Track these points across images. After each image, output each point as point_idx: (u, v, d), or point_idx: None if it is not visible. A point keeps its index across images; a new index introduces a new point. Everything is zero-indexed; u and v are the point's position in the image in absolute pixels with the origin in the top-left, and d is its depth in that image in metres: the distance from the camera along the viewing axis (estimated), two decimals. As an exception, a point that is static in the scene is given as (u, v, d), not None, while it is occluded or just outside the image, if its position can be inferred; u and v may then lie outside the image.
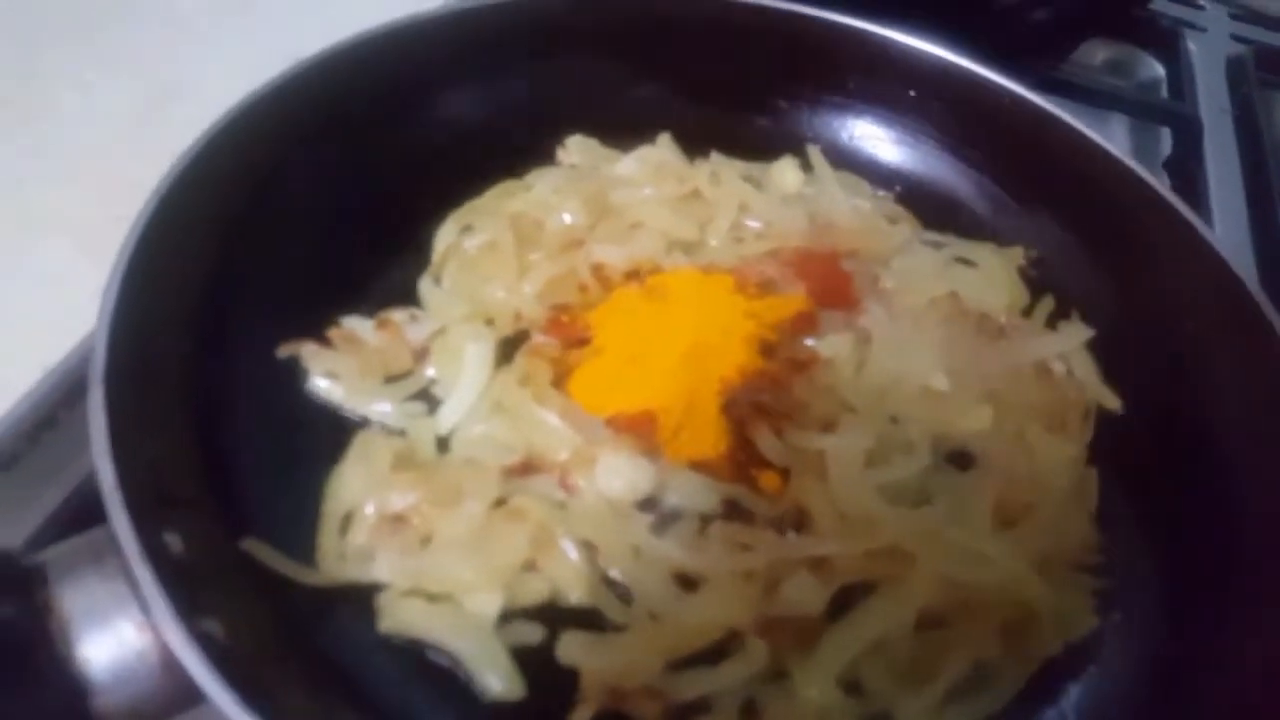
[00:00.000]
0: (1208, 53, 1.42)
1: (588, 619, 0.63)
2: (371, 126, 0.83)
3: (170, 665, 0.49)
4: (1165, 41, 1.43)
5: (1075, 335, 0.83)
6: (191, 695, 0.49)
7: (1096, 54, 1.44)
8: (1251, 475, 0.71)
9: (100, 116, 1.04)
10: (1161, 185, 0.84)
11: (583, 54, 0.93)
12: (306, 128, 0.78)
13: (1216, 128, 1.27)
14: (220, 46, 1.11)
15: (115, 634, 0.50)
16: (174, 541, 0.54)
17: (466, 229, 0.84)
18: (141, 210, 0.65)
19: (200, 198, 0.69)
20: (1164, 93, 1.38)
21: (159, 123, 1.02)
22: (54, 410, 0.75)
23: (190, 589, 0.51)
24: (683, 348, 0.76)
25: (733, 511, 0.69)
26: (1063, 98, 1.00)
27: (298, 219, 0.77)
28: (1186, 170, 1.20)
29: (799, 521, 0.68)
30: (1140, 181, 0.84)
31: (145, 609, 0.49)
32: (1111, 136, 1.13)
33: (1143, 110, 1.30)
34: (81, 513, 0.66)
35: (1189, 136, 1.24)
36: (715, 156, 0.93)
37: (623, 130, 0.93)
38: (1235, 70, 1.39)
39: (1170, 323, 0.81)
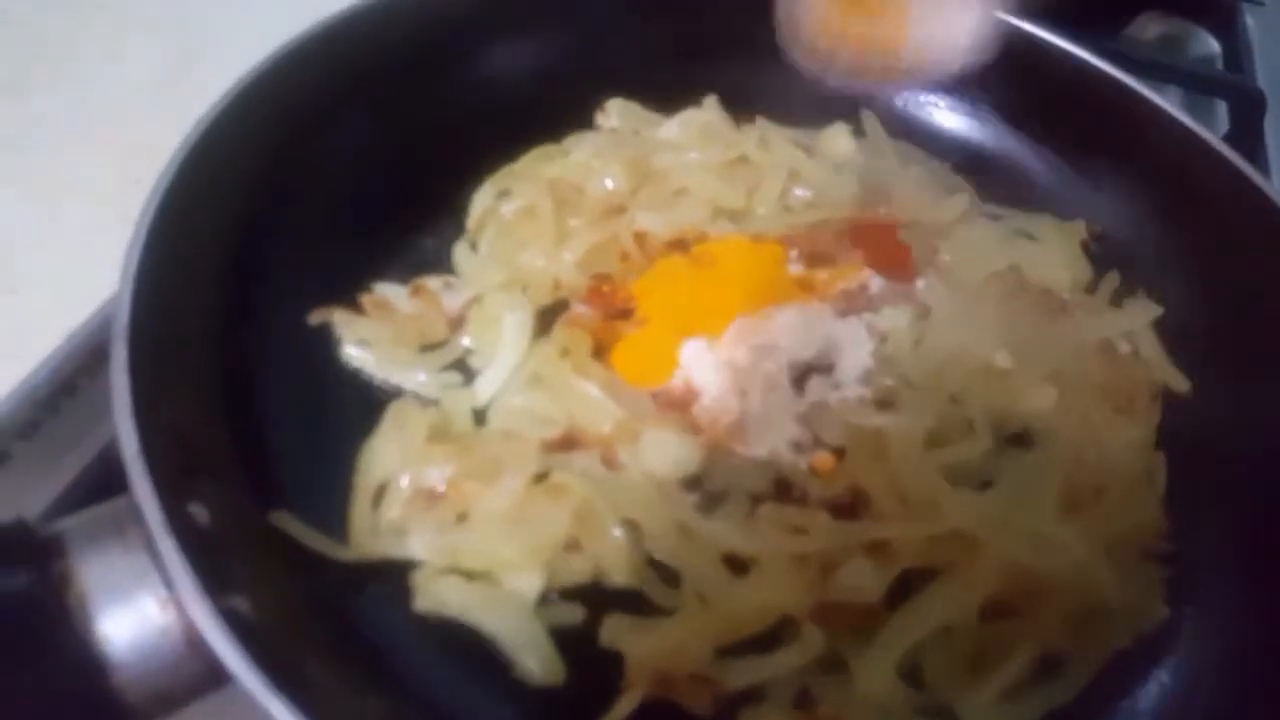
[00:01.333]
0: (1267, 27, 1.36)
1: (632, 602, 0.60)
2: (403, 87, 0.80)
3: (195, 643, 0.46)
4: (1222, 16, 1.37)
5: (1142, 313, 0.79)
6: (217, 675, 0.46)
7: (1150, 28, 1.39)
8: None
9: (124, 80, 1.02)
10: (1232, 153, 0.79)
11: (625, 12, 0.89)
12: (335, 87, 0.75)
13: (1275, 102, 1.22)
14: (246, 8, 1.08)
15: (137, 609, 0.47)
16: (199, 513, 0.51)
17: (503, 194, 0.81)
18: (165, 169, 0.62)
19: (225, 158, 0.65)
20: (1219, 68, 1.33)
21: (183, 86, 1.00)
22: (74, 377, 0.73)
23: (216, 563, 0.48)
24: (732, 320, 0.72)
25: (783, 491, 0.65)
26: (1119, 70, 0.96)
27: (327, 181, 0.75)
28: (1245, 146, 1.15)
29: (854, 503, 0.64)
30: (1211, 149, 0.80)
31: (168, 583, 0.46)
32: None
33: (1200, 83, 1.24)
34: (102, 483, 0.62)
35: (1248, 110, 1.19)
36: (762, 121, 0.88)
37: (665, 93, 0.90)
38: (1296, 43, 1.34)
39: (1242, 300, 0.76)
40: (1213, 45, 1.37)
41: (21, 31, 1.06)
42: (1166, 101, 0.85)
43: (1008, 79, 0.90)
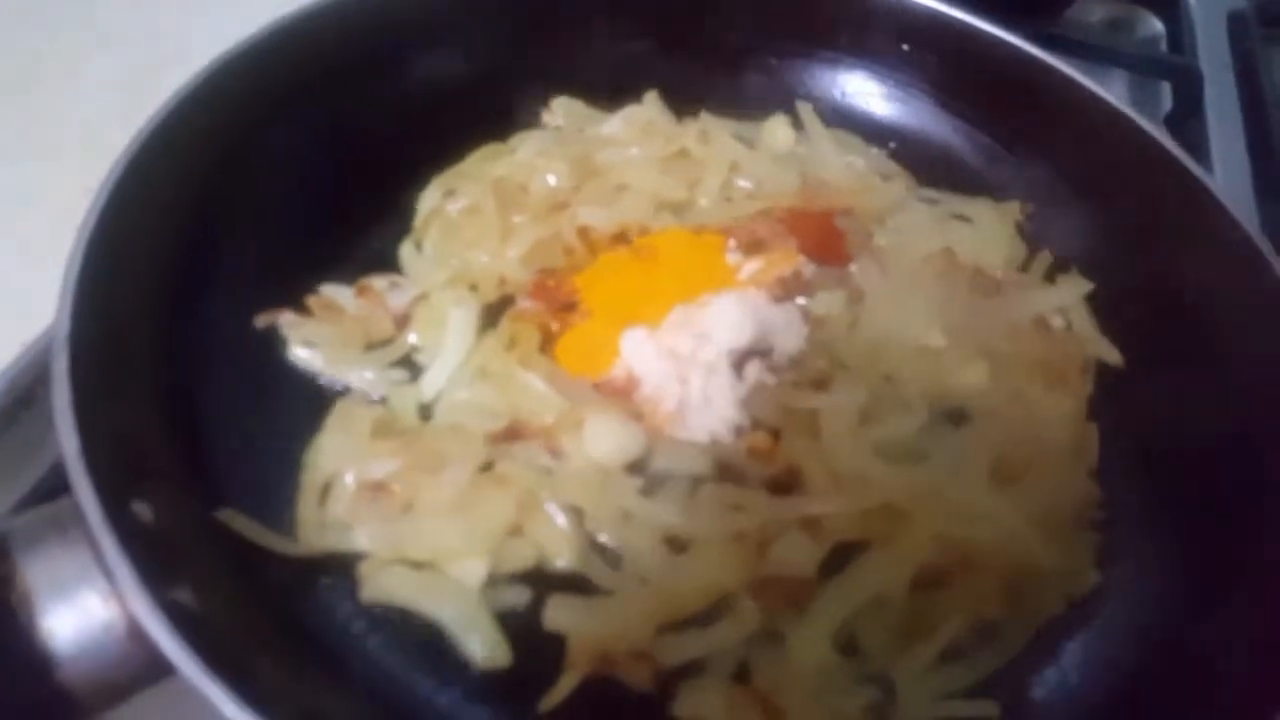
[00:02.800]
0: (1208, 8, 1.38)
1: (575, 585, 0.62)
2: (349, 88, 0.81)
3: (137, 636, 0.47)
4: (1165, -2, 1.40)
5: (1074, 289, 0.81)
6: (161, 667, 0.47)
7: (1094, 11, 1.41)
8: (1257, 426, 0.69)
9: (84, 91, 1.02)
10: (1161, 133, 0.81)
11: (567, 11, 0.90)
12: (281, 89, 0.76)
13: (1217, 83, 1.24)
14: (206, 20, 1.09)
15: (79, 605, 0.48)
16: (143, 511, 0.52)
17: (449, 194, 0.82)
18: (107, 175, 0.63)
19: (169, 163, 0.67)
20: (1164, 49, 1.35)
21: (143, 96, 0.99)
22: (31, 387, 0.74)
23: (159, 558, 0.49)
24: (671, 309, 0.73)
25: (724, 473, 0.67)
26: (1060, 54, 0.97)
27: (273, 184, 0.75)
28: (1188, 125, 1.17)
29: (791, 482, 0.66)
30: (1139, 130, 0.82)
31: (110, 578, 0.47)
32: (1111, 94, 1.10)
33: (1143, 65, 1.26)
34: (58, 492, 0.64)
35: (1190, 91, 1.21)
36: (704, 115, 0.90)
37: (609, 90, 0.91)
38: (1237, 25, 1.36)
39: (1172, 274, 0.78)
40: (1157, 26, 1.39)
41: (-18, 44, 1.06)
42: (1111, 83, 0.86)
43: (942, 65, 0.93)
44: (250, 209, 0.73)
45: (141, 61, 1.04)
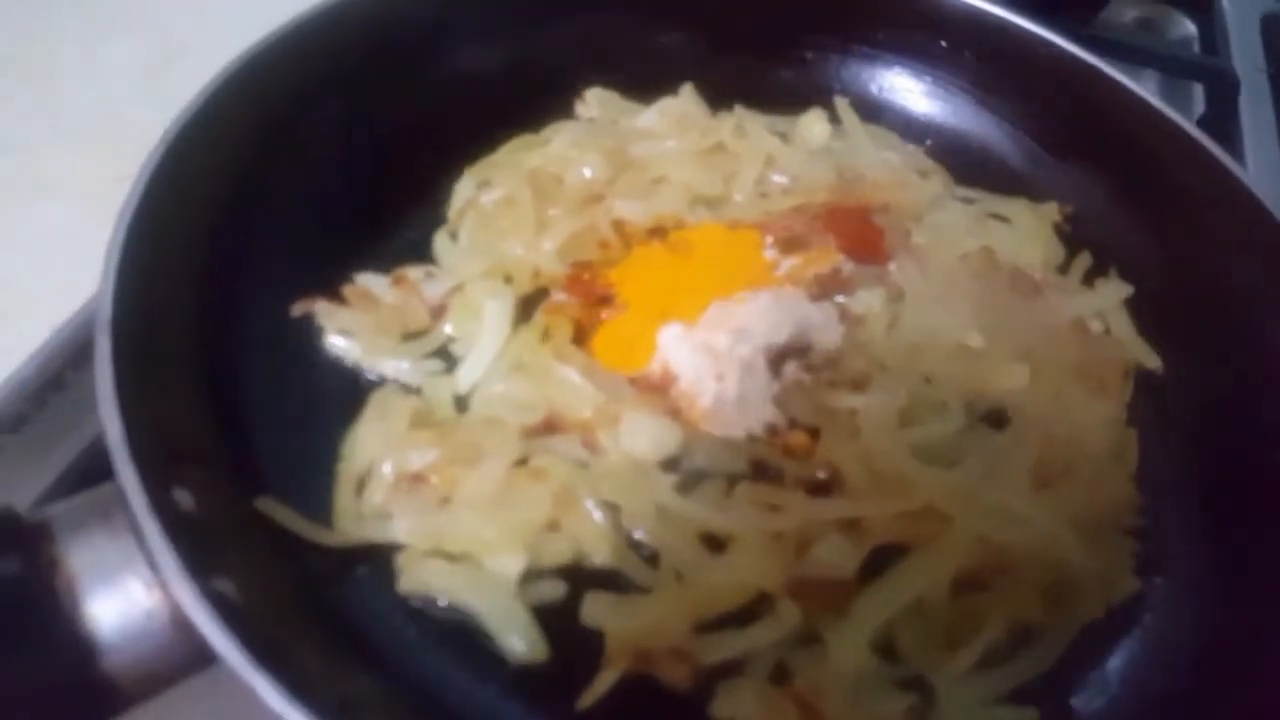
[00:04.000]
0: (1242, 9, 1.37)
1: (612, 581, 0.61)
2: (384, 78, 0.80)
3: (181, 624, 0.47)
4: (1198, -1, 1.39)
5: (1113, 293, 0.80)
6: (203, 656, 0.47)
7: (1126, 11, 1.40)
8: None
9: (105, 76, 1.02)
10: (1201, 134, 0.81)
11: (603, 3, 0.90)
12: (317, 79, 0.76)
13: (1251, 85, 1.24)
14: (226, 5, 1.09)
15: (123, 592, 0.48)
16: (184, 499, 0.52)
17: (483, 184, 0.82)
18: (145, 164, 0.62)
19: (207, 150, 0.66)
20: (1196, 50, 1.34)
21: (165, 83, 1.01)
22: (61, 371, 0.74)
23: (201, 546, 0.49)
24: (709, 305, 0.73)
25: (760, 472, 0.66)
26: (1094, 54, 0.97)
27: (308, 174, 0.75)
28: (1221, 128, 1.16)
29: (829, 482, 0.66)
30: (1181, 133, 0.81)
31: (153, 566, 0.47)
32: (1144, 94, 1.10)
33: (1177, 66, 1.25)
34: (90, 475, 0.63)
35: (1224, 93, 1.20)
36: (739, 109, 0.89)
37: (643, 82, 0.91)
38: (1271, 27, 1.35)
39: (1213, 278, 0.78)
40: (1189, 27, 1.38)
41: (2, 33, 1.06)
42: (1142, 84, 0.86)
43: (981, 63, 0.92)
44: (286, 197, 0.73)
45: (160, 48, 1.04)
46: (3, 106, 0.98)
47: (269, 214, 0.71)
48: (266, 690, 0.45)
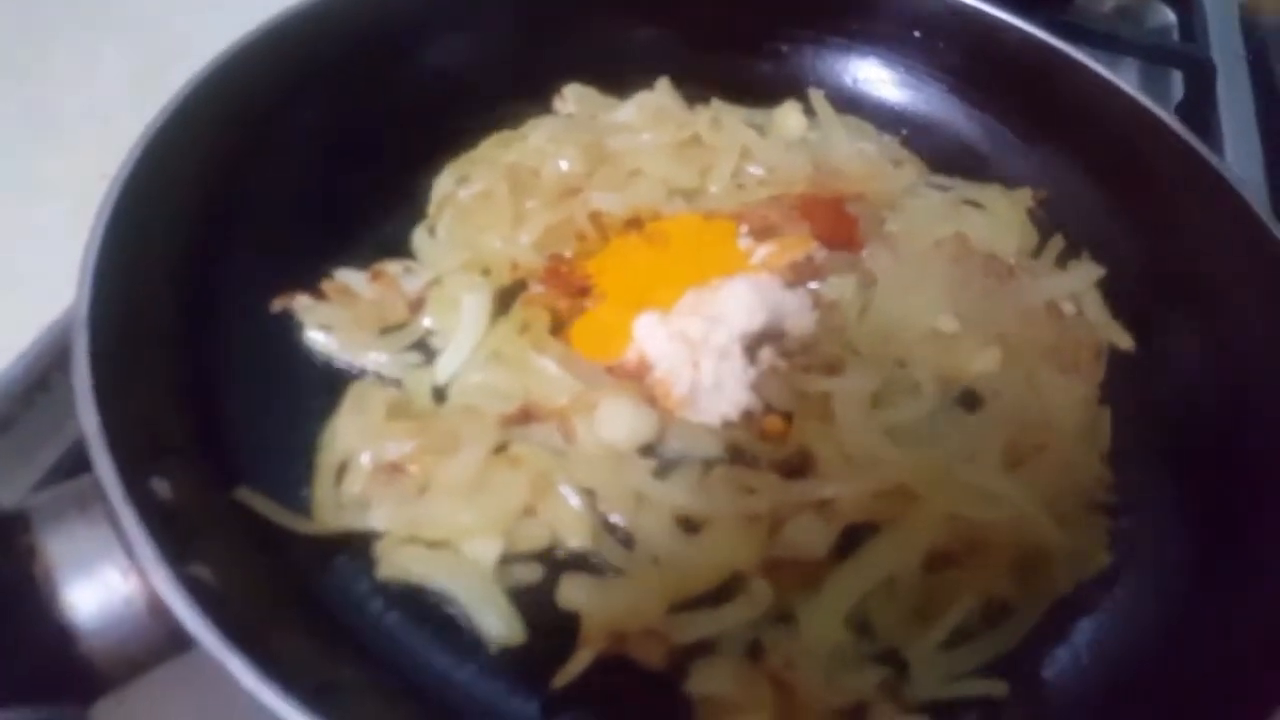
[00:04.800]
0: (1220, -2, 1.38)
1: (588, 564, 0.62)
2: (363, 76, 0.81)
3: (158, 610, 0.48)
4: (1176, -13, 1.39)
5: (1085, 275, 0.81)
6: (180, 640, 0.48)
7: (1105, 0, 1.40)
8: (1268, 410, 0.69)
9: (97, 79, 1.03)
10: (1172, 119, 0.82)
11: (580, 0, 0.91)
12: (295, 77, 0.77)
13: (1229, 72, 1.24)
14: (216, 8, 1.09)
15: (101, 579, 0.49)
16: (162, 488, 0.53)
17: (462, 180, 0.83)
18: (125, 160, 0.63)
19: (185, 149, 0.67)
20: (1175, 38, 1.35)
21: (155, 85, 1.00)
22: (47, 372, 0.74)
23: (178, 534, 0.50)
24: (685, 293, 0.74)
25: (736, 456, 0.67)
26: (1072, 42, 0.97)
27: (287, 171, 0.76)
28: (1199, 114, 1.17)
29: (803, 465, 0.66)
30: (1150, 116, 0.82)
31: (130, 553, 0.48)
32: (1121, 82, 1.11)
33: (1154, 53, 1.26)
34: (75, 472, 0.64)
35: (1201, 79, 1.21)
36: (716, 102, 0.90)
37: (621, 77, 0.92)
38: (1249, 13, 1.36)
39: (1184, 259, 0.79)
40: (1169, 16, 1.38)
41: (-5, 36, 1.07)
42: (1121, 72, 0.87)
43: (955, 52, 0.93)
44: (265, 194, 0.74)
45: (152, 52, 1.05)
46: (-6, 109, 0.99)
47: (247, 211, 0.72)
48: (241, 672, 0.45)
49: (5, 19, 1.08)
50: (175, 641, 0.49)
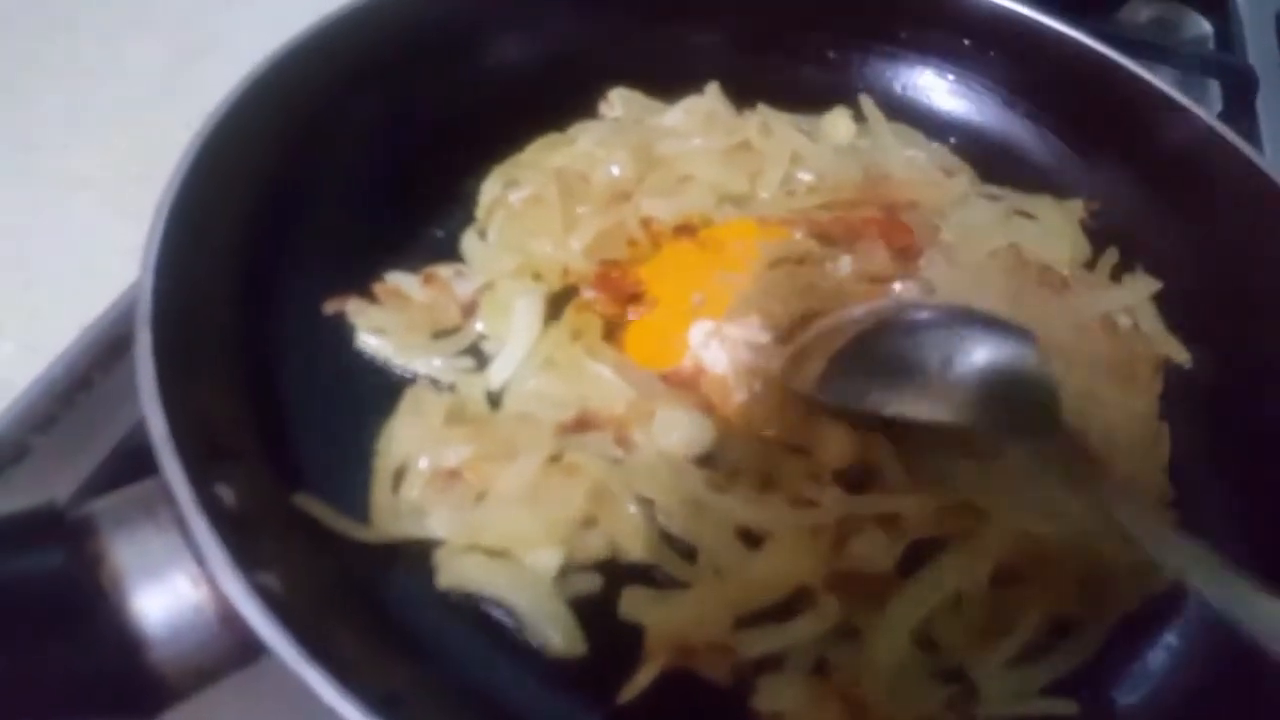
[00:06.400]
0: (1257, 7, 1.37)
1: (648, 576, 0.62)
2: (412, 77, 0.81)
3: (228, 619, 0.47)
4: (1213, -3, 1.39)
5: (1141, 288, 0.80)
6: (250, 650, 0.47)
7: (1141, 11, 1.40)
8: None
9: (129, 75, 1.03)
10: (1226, 129, 0.81)
11: (629, 3, 0.90)
12: (344, 79, 0.76)
13: (1268, 82, 1.24)
14: (246, 5, 1.09)
15: (170, 587, 0.48)
16: (226, 494, 0.52)
17: (511, 183, 0.82)
18: (181, 159, 0.62)
19: (240, 146, 0.66)
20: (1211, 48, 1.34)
21: (188, 81, 1.01)
22: (88, 371, 0.74)
23: (245, 541, 0.49)
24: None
25: (795, 466, 0.66)
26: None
27: (338, 173, 0.75)
28: (1239, 124, 1.16)
29: (866, 478, 0.65)
30: (1205, 126, 0.82)
31: (200, 560, 0.47)
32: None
33: (1195, 63, 1.25)
34: (119, 474, 0.63)
35: (1241, 89, 1.20)
36: (763, 108, 0.89)
37: (666, 82, 0.91)
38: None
39: (1239, 271, 0.78)
40: (1205, 26, 1.38)
41: (24, 32, 1.06)
42: (1160, 82, 0.86)
43: (1005, 61, 0.93)
44: (317, 195, 0.73)
45: (182, 47, 1.05)
46: (25, 106, 0.98)
47: (301, 211, 0.71)
48: (318, 683, 0.44)
49: (35, 15, 1.08)
50: (245, 651, 0.48)
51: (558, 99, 0.88)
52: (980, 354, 0.63)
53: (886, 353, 0.65)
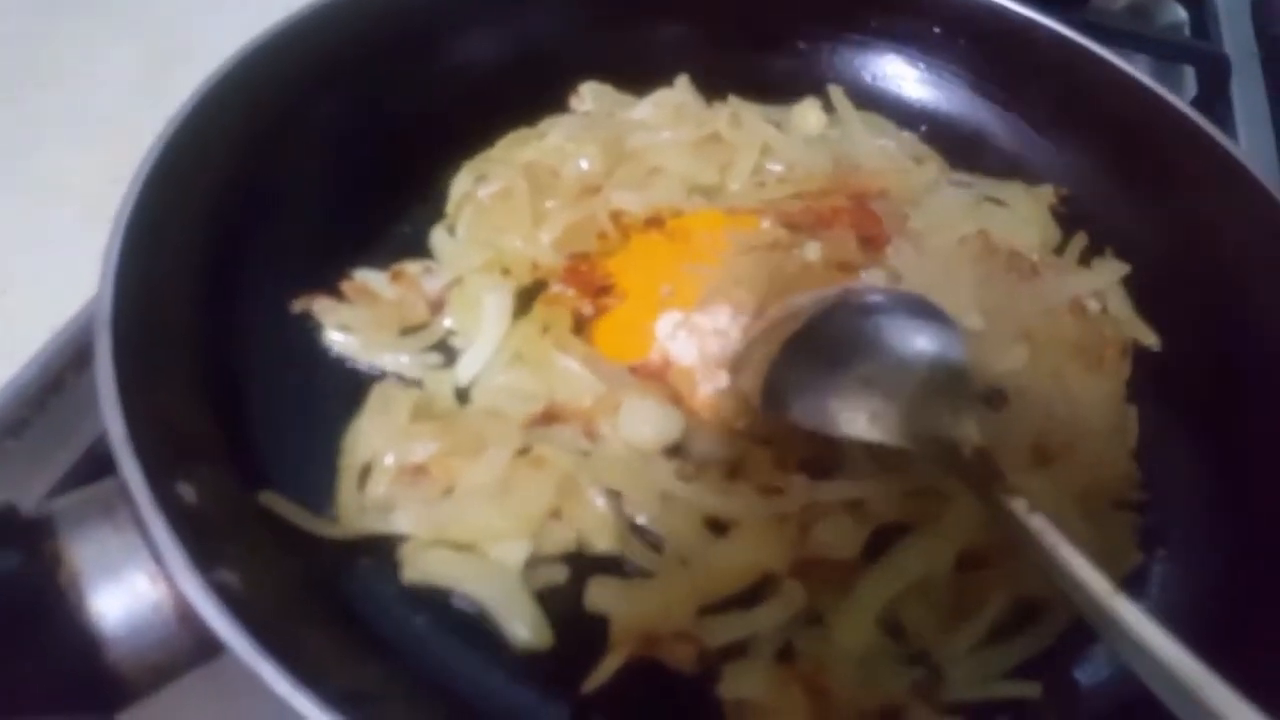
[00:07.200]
0: (1232, -7, 1.37)
1: (615, 567, 0.62)
2: (379, 74, 0.81)
3: (186, 616, 0.47)
4: (1188, -16, 1.39)
5: (1110, 272, 0.81)
6: (209, 647, 0.47)
7: (1118, -1, 1.40)
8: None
9: (106, 81, 1.03)
10: (1197, 115, 0.81)
11: (594, -2, 0.90)
12: (312, 75, 0.76)
13: (1242, 68, 1.24)
14: (226, 9, 1.09)
15: (128, 585, 0.48)
16: (187, 492, 0.52)
17: (480, 179, 0.82)
18: (142, 162, 0.63)
19: (203, 148, 0.66)
20: (1187, 34, 1.34)
21: (165, 85, 0.99)
22: (61, 374, 0.74)
23: (205, 539, 0.49)
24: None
25: (762, 455, 0.66)
26: (1088, 38, 0.97)
27: (305, 171, 0.75)
28: (1213, 110, 1.17)
29: (832, 464, 0.66)
30: (1174, 111, 0.82)
31: (158, 558, 0.47)
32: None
33: (1169, 49, 1.26)
34: (91, 476, 0.63)
35: (1216, 76, 1.20)
36: (734, 99, 0.90)
37: (637, 75, 0.91)
38: (1261, 10, 1.35)
39: (1209, 254, 0.78)
40: (1180, 13, 1.38)
41: (3, 37, 1.06)
42: (1135, 68, 0.86)
43: (975, 48, 0.93)
44: (283, 194, 0.73)
45: (162, 51, 1.05)
46: (4, 111, 0.98)
47: (266, 210, 0.71)
48: (273, 678, 0.45)
49: (14, 20, 1.08)
50: (203, 649, 0.48)
51: (528, 94, 0.88)
52: (900, 363, 0.63)
53: (811, 363, 0.64)
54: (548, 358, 0.70)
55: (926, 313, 0.65)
